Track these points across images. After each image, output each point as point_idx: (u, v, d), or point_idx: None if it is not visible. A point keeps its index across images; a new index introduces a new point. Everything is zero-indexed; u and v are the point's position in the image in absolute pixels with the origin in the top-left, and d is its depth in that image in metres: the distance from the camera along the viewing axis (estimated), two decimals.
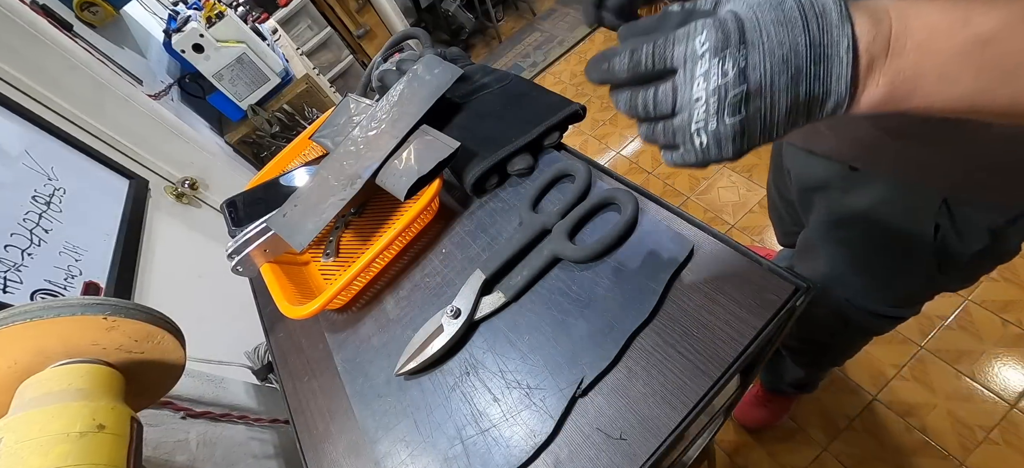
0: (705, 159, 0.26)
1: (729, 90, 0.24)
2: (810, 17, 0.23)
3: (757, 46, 0.23)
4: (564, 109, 0.56)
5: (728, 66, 0.24)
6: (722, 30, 0.24)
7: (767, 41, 0.23)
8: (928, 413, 1.05)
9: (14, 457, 0.32)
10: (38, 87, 1.01)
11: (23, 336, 0.37)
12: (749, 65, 0.24)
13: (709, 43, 0.24)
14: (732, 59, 0.24)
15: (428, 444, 0.41)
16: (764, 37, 0.23)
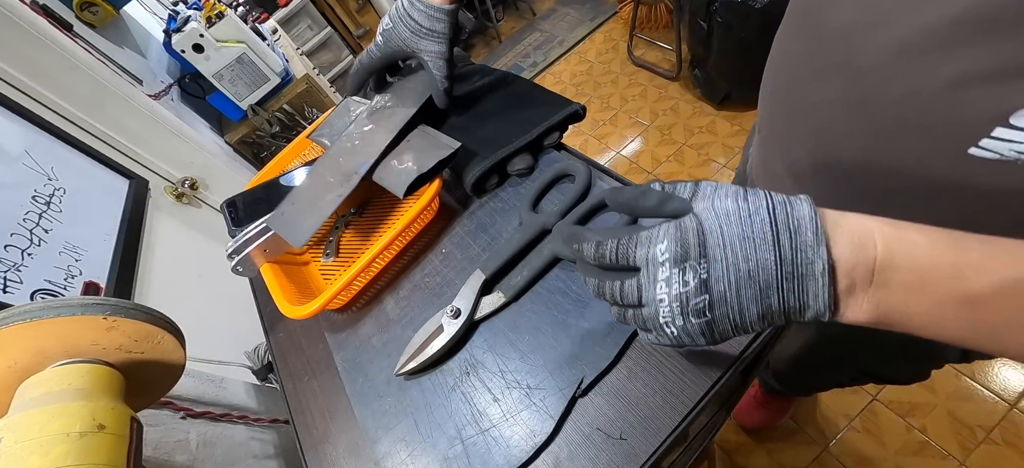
0: (681, 345, 0.26)
1: (690, 298, 0.24)
2: (782, 233, 0.22)
3: (719, 260, 0.23)
4: (564, 109, 0.56)
5: (689, 277, 0.23)
6: (683, 241, 0.23)
7: (730, 256, 0.23)
8: (928, 413, 1.05)
9: (14, 457, 0.32)
10: (38, 87, 1.01)
11: (23, 336, 0.37)
12: (711, 277, 0.23)
13: (668, 253, 0.23)
14: (693, 271, 0.23)
15: (428, 444, 0.41)
16: (727, 252, 0.23)
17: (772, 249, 0.22)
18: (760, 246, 0.22)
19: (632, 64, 2.28)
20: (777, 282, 0.23)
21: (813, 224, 0.22)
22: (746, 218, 0.23)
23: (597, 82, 2.32)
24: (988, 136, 0.25)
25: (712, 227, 0.23)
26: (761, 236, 0.22)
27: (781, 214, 0.23)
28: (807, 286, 0.23)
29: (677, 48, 1.98)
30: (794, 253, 0.22)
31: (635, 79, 2.21)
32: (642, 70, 2.22)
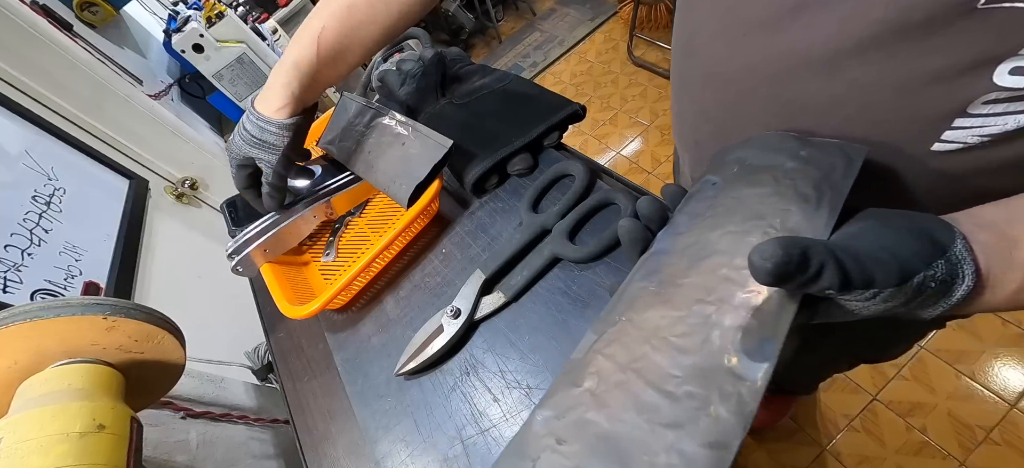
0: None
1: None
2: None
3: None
4: (564, 109, 0.56)
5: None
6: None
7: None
8: (928, 413, 1.05)
9: (14, 457, 0.32)
10: (38, 87, 1.01)
11: (23, 336, 0.37)
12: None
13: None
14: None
15: (428, 444, 0.41)
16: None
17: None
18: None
19: (632, 64, 2.28)
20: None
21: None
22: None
23: (597, 82, 2.32)
24: (950, 128, 0.26)
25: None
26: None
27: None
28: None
29: None
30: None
31: (635, 79, 2.21)
32: (642, 70, 2.22)
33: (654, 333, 0.25)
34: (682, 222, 0.29)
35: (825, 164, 0.26)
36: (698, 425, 0.21)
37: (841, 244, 0.22)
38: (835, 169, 0.26)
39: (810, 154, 0.28)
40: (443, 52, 0.69)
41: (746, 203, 0.27)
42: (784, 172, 0.27)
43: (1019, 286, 0.22)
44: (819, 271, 0.20)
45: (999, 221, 0.24)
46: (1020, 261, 0.22)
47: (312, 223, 0.58)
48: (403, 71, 0.69)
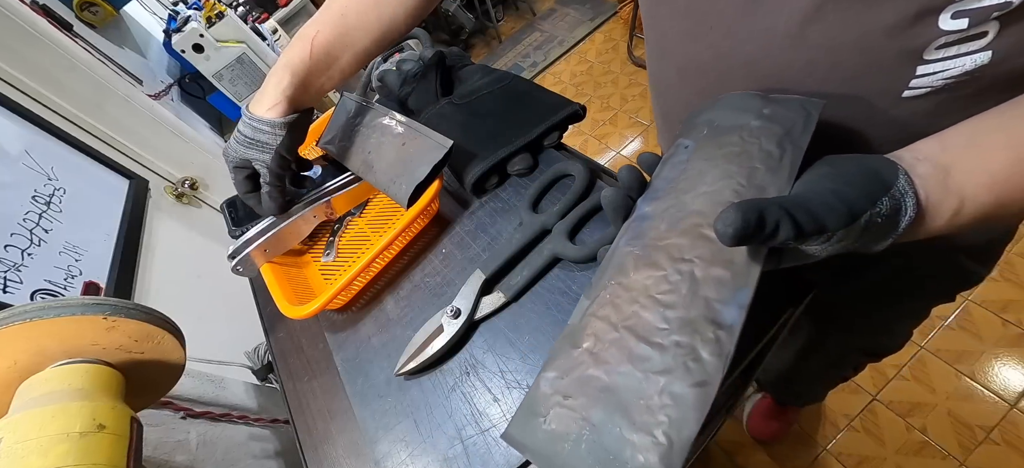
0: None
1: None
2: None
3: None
4: (564, 109, 0.56)
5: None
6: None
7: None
8: (928, 413, 1.05)
9: (14, 457, 0.32)
10: (38, 87, 1.01)
11: (23, 336, 0.37)
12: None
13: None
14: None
15: (428, 444, 0.41)
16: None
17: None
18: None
19: (632, 64, 2.28)
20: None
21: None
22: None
23: (597, 82, 2.32)
24: (914, 76, 0.28)
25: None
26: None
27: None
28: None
29: None
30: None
31: (635, 79, 2.21)
32: (642, 70, 2.22)
33: (642, 292, 0.28)
34: (660, 187, 0.31)
35: (786, 120, 0.29)
36: (686, 368, 0.24)
37: (795, 197, 0.24)
38: (795, 124, 0.29)
39: (773, 111, 0.30)
40: (443, 52, 0.70)
41: (716, 164, 0.30)
42: (749, 131, 0.30)
43: (955, 209, 0.25)
44: (776, 228, 0.22)
45: (934, 152, 0.26)
46: (953, 187, 0.25)
47: (312, 223, 0.58)
48: (403, 71, 0.69)
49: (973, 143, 0.26)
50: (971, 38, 0.25)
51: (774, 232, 0.22)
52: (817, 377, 0.91)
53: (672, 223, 0.29)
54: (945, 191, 0.25)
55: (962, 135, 0.27)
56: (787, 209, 0.23)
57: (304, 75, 0.47)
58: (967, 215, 0.25)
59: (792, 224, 0.22)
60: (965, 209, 0.25)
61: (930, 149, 0.27)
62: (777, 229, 0.22)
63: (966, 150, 0.26)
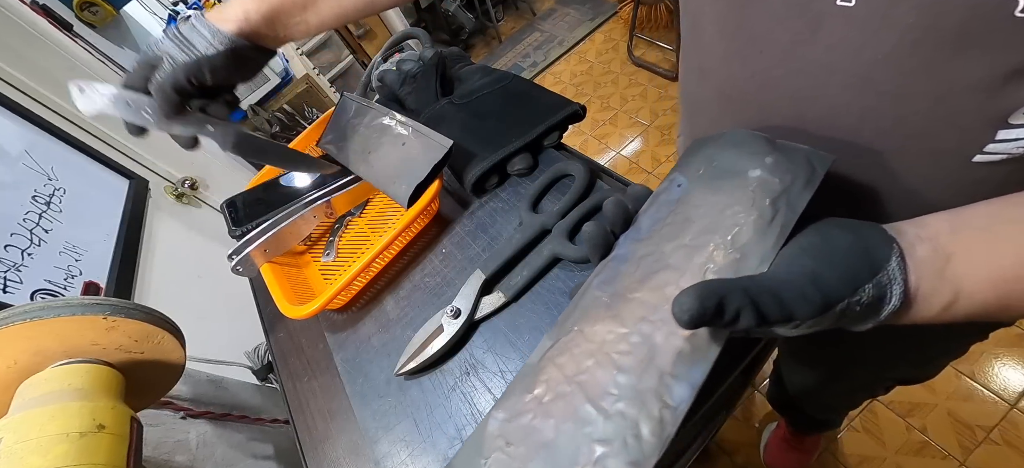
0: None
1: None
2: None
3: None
4: (564, 109, 0.56)
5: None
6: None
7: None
8: (928, 413, 1.05)
9: (14, 457, 0.32)
10: (38, 87, 1.01)
11: (23, 336, 0.37)
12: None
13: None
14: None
15: (428, 444, 0.41)
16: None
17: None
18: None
19: (632, 64, 2.28)
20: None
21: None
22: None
23: (597, 82, 2.32)
24: (992, 141, 0.25)
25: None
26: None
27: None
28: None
29: (677, 48, 1.98)
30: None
31: (635, 79, 2.21)
32: (642, 70, 2.22)
33: (600, 348, 0.27)
34: (644, 226, 0.30)
35: (788, 175, 0.26)
36: (624, 443, 0.23)
37: (764, 281, 0.22)
38: (796, 181, 0.26)
39: (776, 161, 0.27)
40: (443, 52, 0.69)
41: (704, 213, 0.28)
42: (746, 181, 0.27)
43: (947, 303, 0.23)
44: (735, 316, 0.21)
45: (942, 232, 0.23)
46: (950, 277, 0.23)
47: (312, 223, 0.58)
48: (403, 71, 0.69)
49: (990, 229, 0.23)
50: None
51: (734, 319, 0.21)
52: (842, 399, 0.84)
53: (645, 274, 0.27)
54: (940, 280, 0.23)
55: (980, 217, 0.23)
56: (751, 296, 0.21)
57: (277, 6, 0.41)
58: (961, 310, 0.23)
59: (754, 314, 0.21)
60: (959, 304, 0.23)
61: (938, 227, 0.24)
62: (738, 317, 0.21)
63: (978, 235, 0.23)
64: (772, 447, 1.09)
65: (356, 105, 0.61)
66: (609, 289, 0.29)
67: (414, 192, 0.50)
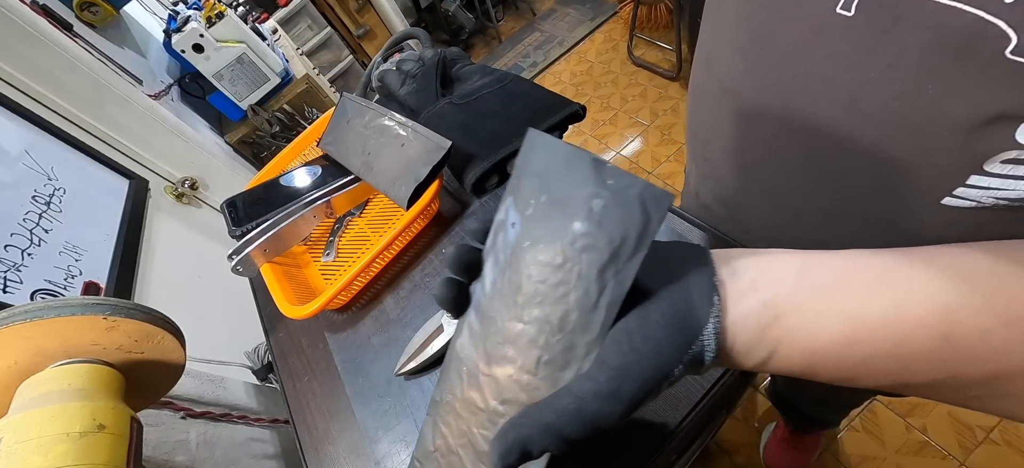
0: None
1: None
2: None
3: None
4: (564, 109, 0.56)
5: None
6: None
7: None
8: (928, 413, 1.05)
9: (14, 457, 0.32)
10: (38, 87, 1.01)
11: (23, 336, 0.37)
12: None
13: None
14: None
15: None
16: None
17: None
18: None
19: (632, 64, 2.28)
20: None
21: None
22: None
23: (597, 82, 2.32)
24: (963, 184, 0.25)
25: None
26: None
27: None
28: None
29: (677, 48, 1.98)
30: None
31: (635, 79, 2.21)
32: (642, 70, 2.22)
33: (468, 425, 0.26)
34: (487, 278, 0.26)
35: (617, 232, 0.22)
36: None
37: (570, 402, 0.21)
38: (627, 238, 0.22)
39: (604, 209, 0.22)
40: (443, 52, 0.69)
41: (535, 280, 0.24)
42: (573, 238, 0.23)
43: (761, 360, 0.22)
44: (542, 451, 0.21)
45: (783, 283, 0.21)
46: (769, 340, 0.21)
47: (312, 223, 0.58)
48: (403, 71, 0.69)
49: (833, 289, 0.20)
50: None
51: (544, 451, 0.21)
52: (834, 403, 0.86)
53: (490, 353, 0.25)
54: (759, 340, 0.21)
55: (833, 268, 0.21)
56: (554, 431, 0.21)
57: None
58: (774, 368, 0.22)
59: (561, 441, 0.21)
60: (772, 363, 0.21)
61: (782, 276, 0.21)
62: (545, 450, 0.21)
63: (817, 297, 0.20)
64: (772, 447, 1.09)
65: (356, 106, 0.61)
66: (467, 355, 0.27)
67: (414, 193, 0.50)
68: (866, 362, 0.20)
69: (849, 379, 0.21)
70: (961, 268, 0.19)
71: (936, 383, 0.19)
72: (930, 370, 0.19)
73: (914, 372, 0.19)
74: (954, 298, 0.18)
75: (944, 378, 0.19)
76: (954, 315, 0.18)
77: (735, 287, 0.22)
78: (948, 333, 0.18)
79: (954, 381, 0.19)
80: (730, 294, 0.21)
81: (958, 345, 0.18)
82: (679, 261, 0.23)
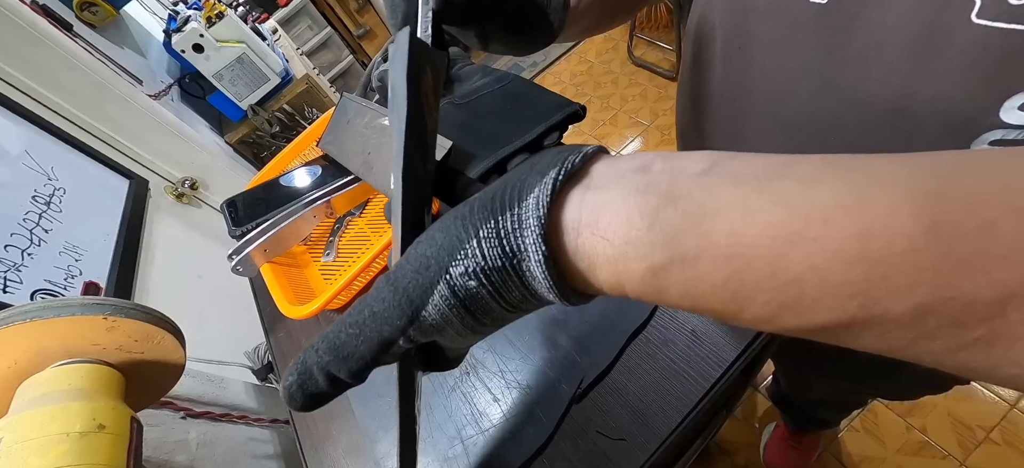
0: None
1: None
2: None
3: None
4: (564, 109, 0.55)
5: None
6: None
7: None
8: (928, 413, 1.05)
9: (14, 457, 0.32)
10: (38, 87, 1.01)
11: (23, 336, 0.37)
12: None
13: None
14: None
15: (428, 444, 0.41)
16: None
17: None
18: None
19: (632, 64, 2.28)
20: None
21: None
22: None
23: (597, 82, 2.32)
24: (988, 129, 0.23)
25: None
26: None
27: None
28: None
29: (677, 48, 1.98)
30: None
31: (635, 79, 2.21)
32: (642, 70, 2.22)
33: None
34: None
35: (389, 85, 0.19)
36: None
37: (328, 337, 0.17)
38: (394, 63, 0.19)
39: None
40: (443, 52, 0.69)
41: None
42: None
43: (654, 271, 0.14)
44: (325, 373, 0.17)
45: (689, 169, 0.15)
46: (662, 237, 0.14)
47: (312, 223, 0.58)
48: None
49: (775, 171, 0.13)
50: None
51: (326, 373, 0.17)
52: (833, 403, 0.86)
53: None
54: (645, 239, 0.14)
55: (763, 159, 0.14)
56: (331, 342, 0.17)
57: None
58: (681, 286, 0.14)
59: (327, 378, 0.17)
60: (675, 275, 0.14)
61: (687, 161, 0.15)
62: (328, 368, 0.17)
63: (744, 181, 0.13)
64: (772, 447, 1.09)
65: (356, 106, 0.61)
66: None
67: None
68: (818, 271, 0.12)
69: (791, 307, 0.13)
70: (939, 157, 0.13)
71: (924, 310, 0.11)
72: (913, 283, 0.11)
73: (892, 288, 0.11)
74: (936, 180, 0.12)
75: (935, 301, 0.11)
76: (939, 200, 0.11)
77: (606, 170, 0.15)
78: (935, 221, 0.11)
79: (950, 307, 0.11)
80: (594, 174, 0.15)
81: (950, 240, 0.11)
82: (547, 155, 0.17)
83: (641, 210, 0.14)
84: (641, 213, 0.14)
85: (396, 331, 0.16)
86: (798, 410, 0.94)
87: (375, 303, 0.16)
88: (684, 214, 0.13)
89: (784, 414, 1.01)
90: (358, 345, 0.16)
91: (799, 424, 1.00)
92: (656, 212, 0.14)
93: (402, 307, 0.16)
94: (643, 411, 0.36)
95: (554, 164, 0.15)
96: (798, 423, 1.00)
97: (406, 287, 0.16)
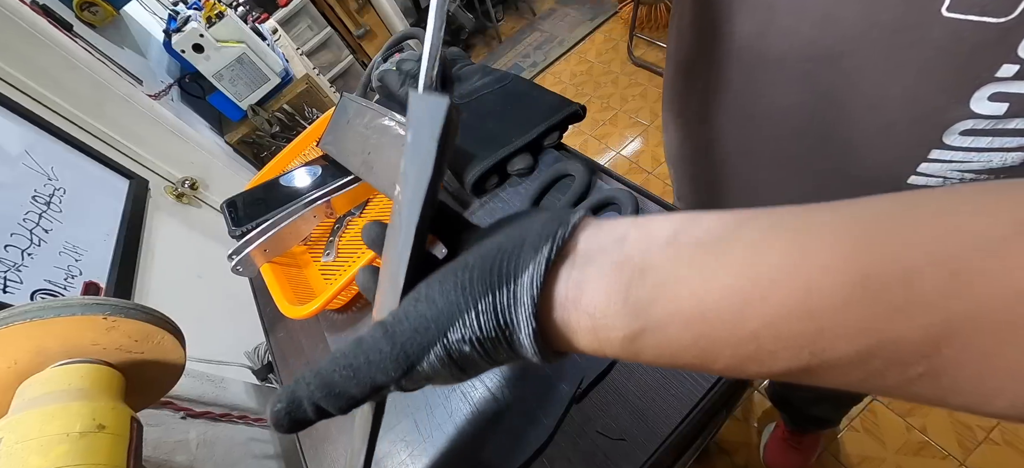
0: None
1: None
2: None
3: None
4: (564, 109, 0.56)
5: None
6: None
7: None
8: (928, 413, 1.05)
9: (14, 457, 0.32)
10: (38, 87, 1.01)
11: (23, 336, 0.37)
12: None
13: None
14: None
15: (428, 444, 0.41)
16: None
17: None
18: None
19: (632, 64, 2.28)
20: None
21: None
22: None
23: (597, 82, 2.32)
24: (925, 160, 0.24)
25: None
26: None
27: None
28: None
29: None
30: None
31: (635, 79, 2.21)
32: (642, 70, 2.22)
33: None
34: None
35: (412, 165, 0.18)
36: None
37: (319, 372, 0.20)
38: (421, 142, 0.18)
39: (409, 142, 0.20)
40: (443, 52, 0.70)
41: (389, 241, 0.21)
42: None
43: (629, 338, 0.16)
44: (313, 403, 0.19)
45: (657, 236, 0.16)
46: (635, 306, 0.15)
47: (312, 223, 0.58)
48: (403, 71, 0.69)
49: (729, 235, 0.15)
50: (1006, 133, 0.21)
51: (314, 404, 0.19)
52: (829, 402, 0.86)
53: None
54: (621, 309, 0.15)
55: (718, 220, 0.16)
56: (313, 387, 0.19)
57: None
58: (653, 349, 0.16)
59: (315, 409, 0.19)
60: (646, 340, 0.15)
61: (654, 229, 0.16)
62: (316, 401, 0.19)
63: (703, 247, 0.15)
64: (772, 447, 1.09)
65: (356, 106, 0.61)
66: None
67: None
68: (771, 327, 0.13)
69: (754, 358, 0.14)
70: (871, 206, 0.14)
71: (868, 354, 0.13)
72: (854, 332, 0.13)
73: (835, 336, 0.13)
74: (865, 235, 0.13)
75: (875, 345, 0.12)
76: (868, 254, 0.13)
77: (590, 242, 0.17)
78: (865, 274, 0.12)
79: (890, 350, 0.12)
80: (579, 249, 0.17)
81: (879, 291, 0.12)
82: (538, 223, 0.18)
83: (617, 286, 0.16)
84: (617, 289, 0.16)
85: (390, 380, 0.18)
86: (797, 409, 0.94)
87: (371, 352, 0.18)
88: (653, 286, 0.15)
89: (783, 414, 1.02)
90: (350, 386, 0.18)
91: (798, 424, 1.00)
92: (629, 287, 0.15)
93: (399, 360, 0.18)
94: (643, 411, 0.36)
95: (546, 238, 0.17)
96: (797, 423, 1.00)
97: (404, 344, 0.17)
